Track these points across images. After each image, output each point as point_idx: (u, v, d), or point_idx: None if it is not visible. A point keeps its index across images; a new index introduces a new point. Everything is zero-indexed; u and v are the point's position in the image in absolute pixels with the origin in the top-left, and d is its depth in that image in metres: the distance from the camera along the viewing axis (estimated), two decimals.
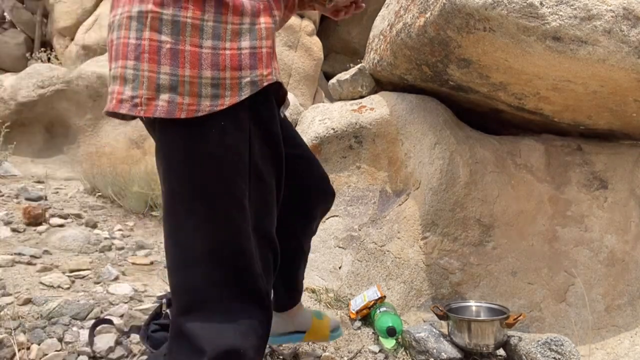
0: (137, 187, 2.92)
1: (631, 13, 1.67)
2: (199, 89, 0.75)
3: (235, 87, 0.77)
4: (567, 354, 1.55)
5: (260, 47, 0.79)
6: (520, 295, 2.20)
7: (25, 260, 2.05)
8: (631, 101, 2.04)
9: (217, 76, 0.76)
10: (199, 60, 0.75)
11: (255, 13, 0.78)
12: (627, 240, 2.32)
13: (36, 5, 7.69)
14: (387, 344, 1.71)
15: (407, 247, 2.18)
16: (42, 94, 4.19)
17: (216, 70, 0.75)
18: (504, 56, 1.86)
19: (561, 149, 2.41)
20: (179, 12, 0.75)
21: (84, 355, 1.43)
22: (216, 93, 0.76)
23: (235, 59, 0.76)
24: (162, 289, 2.02)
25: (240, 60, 0.77)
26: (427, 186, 2.21)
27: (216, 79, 0.76)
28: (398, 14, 2.29)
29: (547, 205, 2.30)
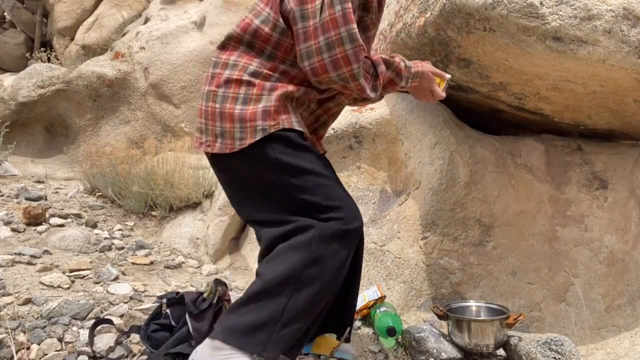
0: (137, 187, 2.92)
1: (631, 13, 1.67)
2: (234, 134, 1.20)
3: (252, 132, 1.19)
4: (567, 354, 1.55)
5: (270, 107, 1.19)
6: (520, 295, 2.20)
7: (25, 260, 2.05)
8: (631, 101, 2.04)
9: (243, 126, 1.19)
10: (233, 117, 1.20)
11: (272, 88, 1.21)
12: (627, 240, 2.32)
13: (36, 5, 7.70)
14: (387, 344, 1.71)
15: (407, 247, 2.18)
16: (42, 94, 4.19)
17: (242, 122, 1.19)
18: (504, 56, 1.86)
19: (561, 149, 2.41)
20: (226, 90, 1.22)
21: (84, 355, 1.43)
22: (242, 136, 1.20)
23: (253, 115, 1.19)
24: (162, 289, 2.02)
25: (256, 116, 1.18)
26: (427, 186, 2.21)
27: (242, 128, 1.19)
28: (398, 13, 2.29)
29: (547, 205, 2.30)
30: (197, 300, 1.48)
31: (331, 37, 1.14)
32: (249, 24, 1.25)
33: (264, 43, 1.23)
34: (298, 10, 1.17)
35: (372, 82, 1.25)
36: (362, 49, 1.16)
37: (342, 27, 1.14)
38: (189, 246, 2.68)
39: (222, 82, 1.22)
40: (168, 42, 4.60)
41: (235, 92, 1.20)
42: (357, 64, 1.16)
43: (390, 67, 1.31)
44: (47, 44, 7.36)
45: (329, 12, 1.14)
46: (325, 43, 1.15)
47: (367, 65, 1.23)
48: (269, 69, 1.22)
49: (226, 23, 4.64)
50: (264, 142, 1.18)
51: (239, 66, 1.22)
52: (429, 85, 1.36)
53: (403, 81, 1.32)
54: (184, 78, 4.50)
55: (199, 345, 1.25)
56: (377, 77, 1.26)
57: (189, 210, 2.95)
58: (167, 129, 4.47)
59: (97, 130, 4.42)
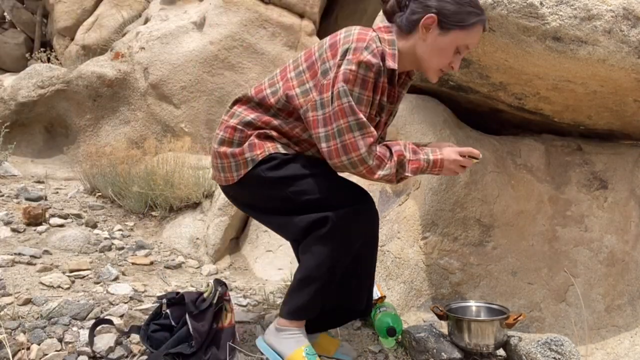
0: (137, 187, 2.92)
1: (631, 13, 1.67)
2: (232, 168, 1.42)
3: (245, 164, 1.40)
4: (567, 354, 1.55)
5: (254, 142, 1.39)
6: (520, 295, 2.20)
7: (25, 260, 2.05)
8: (631, 101, 2.04)
9: (236, 161, 1.41)
10: (227, 155, 1.42)
11: (258, 135, 1.40)
12: (627, 240, 2.32)
13: (36, 5, 7.69)
14: (387, 344, 1.71)
15: (407, 247, 2.18)
16: (42, 94, 4.19)
17: (234, 158, 1.41)
18: (504, 56, 1.86)
19: (561, 149, 2.41)
20: (224, 134, 1.43)
21: (84, 355, 1.43)
22: (238, 169, 1.41)
23: (241, 151, 1.40)
24: (162, 289, 2.02)
25: (244, 150, 1.39)
26: (427, 186, 2.21)
27: (236, 163, 1.41)
28: None
29: (547, 205, 2.30)
30: (197, 300, 1.48)
31: (341, 125, 1.28)
32: (261, 90, 1.43)
33: (269, 106, 1.41)
34: (319, 99, 1.31)
35: (388, 163, 1.33)
36: (371, 135, 1.29)
37: (350, 116, 1.27)
38: (189, 246, 2.68)
39: (224, 128, 1.44)
40: (168, 42, 4.60)
41: (230, 136, 1.41)
42: (365, 148, 1.28)
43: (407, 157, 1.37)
44: (47, 44, 7.36)
45: (337, 103, 1.27)
46: (337, 130, 1.29)
47: (383, 149, 1.33)
48: (263, 122, 1.40)
49: (226, 23, 4.64)
50: (255, 169, 1.38)
51: (240, 116, 1.42)
52: (454, 167, 1.40)
53: (415, 174, 1.38)
54: (184, 78, 4.50)
55: (198, 345, 1.38)
56: (392, 157, 1.34)
57: (189, 211, 2.95)
58: (167, 129, 4.47)
59: (97, 131, 4.42)
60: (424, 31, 1.34)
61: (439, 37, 1.34)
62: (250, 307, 1.96)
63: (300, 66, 1.38)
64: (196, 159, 3.30)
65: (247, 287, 2.21)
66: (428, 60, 1.38)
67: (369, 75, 1.28)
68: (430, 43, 1.35)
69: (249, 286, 2.22)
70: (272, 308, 1.96)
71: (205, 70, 4.53)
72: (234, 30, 4.62)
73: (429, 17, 1.32)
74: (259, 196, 1.43)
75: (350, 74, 1.26)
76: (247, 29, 4.69)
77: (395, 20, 1.41)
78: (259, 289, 2.19)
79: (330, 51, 1.32)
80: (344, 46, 1.29)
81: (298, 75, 1.37)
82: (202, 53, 4.52)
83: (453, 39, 1.34)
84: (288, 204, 1.37)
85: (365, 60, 1.26)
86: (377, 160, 1.30)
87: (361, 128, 1.28)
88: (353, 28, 1.35)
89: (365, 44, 1.28)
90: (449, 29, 1.33)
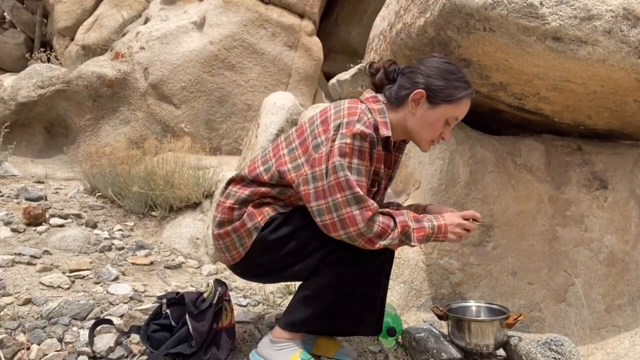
0: (137, 187, 2.92)
1: (631, 13, 1.67)
2: (236, 244, 1.41)
3: (248, 235, 1.39)
4: (567, 354, 1.55)
5: (252, 210, 1.39)
6: (520, 295, 2.20)
7: (25, 260, 2.05)
8: (631, 101, 2.04)
9: (239, 235, 1.40)
10: (228, 233, 1.41)
11: (254, 205, 1.40)
12: (627, 240, 2.32)
13: (36, 5, 7.70)
14: (387, 344, 1.71)
15: (407, 247, 2.18)
16: (42, 94, 4.19)
17: (236, 232, 1.40)
18: (504, 56, 1.86)
19: (561, 149, 2.41)
20: (223, 216, 1.42)
21: (84, 356, 1.43)
22: (242, 243, 1.40)
23: (242, 223, 1.39)
24: (162, 289, 2.02)
25: (244, 222, 1.39)
26: (427, 186, 2.21)
27: (239, 237, 1.40)
28: (398, 14, 2.29)
29: (547, 205, 2.30)
30: (197, 301, 1.48)
31: (337, 199, 1.27)
32: (255, 169, 1.43)
33: (263, 182, 1.41)
34: (310, 173, 1.31)
35: (392, 233, 1.30)
36: (369, 209, 1.27)
37: (347, 190, 1.26)
38: (189, 246, 2.69)
39: (221, 210, 1.43)
40: (168, 42, 4.60)
41: (229, 217, 1.41)
42: (363, 223, 1.26)
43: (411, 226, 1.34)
44: (47, 44, 7.37)
45: (333, 177, 1.27)
46: (333, 204, 1.27)
47: (387, 219, 1.31)
48: (259, 195, 1.40)
49: (226, 23, 4.64)
50: (259, 236, 1.37)
51: (235, 196, 1.42)
52: (459, 230, 1.38)
53: (421, 243, 1.36)
54: (184, 78, 4.50)
55: (198, 345, 1.38)
56: (396, 228, 1.31)
57: (189, 211, 2.95)
58: (167, 129, 4.47)
59: (97, 131, 4.43)
60: (413, 105, 1.37)
61: (428, 111, 1.37)
62: (250, 307, 1.97)
63: (293, 142, 1.40)
64: (196, 159, 3.30)
65: (247, 287, 2.21)
66: (419, 132, 1.41)
67: (365, 145, 1.29)
68: (419, 117, 1.38)
69: (249, 286, 2.22)
70: (272, 308, 1.97)
71: (205, 70, 4.53)
72: (234, 30, 4.63)
73: (417, 92, 1.35)
74: (268, 262, 1.41)
75: (346, 147, 1.27)
76: (247, 29, 4.69)
77: (385, 92, 1.44)
78: (259, 289, 2.19)
79: (322, 127, 1.33)
80: (336, 121, 1.30)
81: (290, 152, 1.38)
82: (202, 53, 4.52)
83: (442, 112, 1.38)
84: (297, 256, 1.37)
85: (359, 132, 1.27)
86: (379, 230, 1.28)
87: (359, 202, 1.26)
88: (342, 102, 1.37)
89: (357, 117, 1.30)
90: (437, 104, 1.37)
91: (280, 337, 1.42)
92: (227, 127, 4.61)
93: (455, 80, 1.37)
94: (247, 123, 4.58)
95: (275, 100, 3.00)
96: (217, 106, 4.57)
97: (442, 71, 1.37)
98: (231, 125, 4.62)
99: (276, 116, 2.88)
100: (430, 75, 1.36)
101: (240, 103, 4.63)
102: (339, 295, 1.38)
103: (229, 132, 4.61)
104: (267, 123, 2.87)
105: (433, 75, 1.36)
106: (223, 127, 4.60)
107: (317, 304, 1.38)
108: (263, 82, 4.76)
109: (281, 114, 2.90)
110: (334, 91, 3.10)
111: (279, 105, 2.94)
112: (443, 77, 1.36)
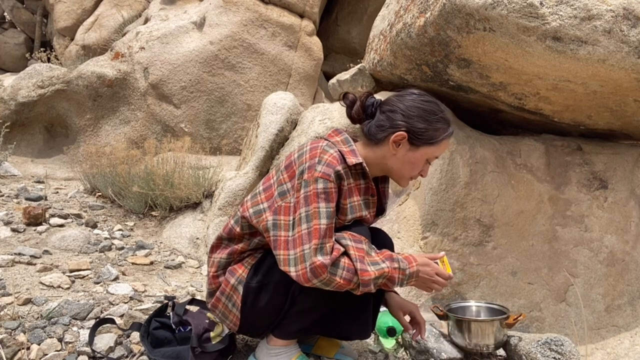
0: (137, 187, 2.92)
1: (631, 13, 1.67)
2: (228, 307, 1.39)
3: (234, 291, 1.36)
4: (567, 354, 1.55)
5: (232, 266, 1.39)
6: (520, 295, 2.20)
7: (25, 260, 2.05)
8: (631, 101, 2.04)
9: (227, 294, 1.38)
10: (219, 300, 1.40)
11: (234, 268, 1.40)
12: (627, 240, 2.32)
13: (36, 5, 7.70)
14: (387, 344, 1.71)
15: (407, 247, 2.17)
16: (42, 94, 4.19)
17: (224, 295, 1.39)
18: (504, 56, 1.86)
19: (561, 149, 2.41)
20: (210, 286, 1.42)
21: (84, 355, 1.43)
22: (234, 303, 1.37)
23: (226, 282, 1.38)
24: (162, 289, 2.02)
25: (228, 280, 1.37)
26: (427, 186, 2.21)
27: (228, 296, 1.38)
28: (398, 14, 2.29)
29: (547, 205, 2.30)
30: (202, 336, 1.46)
31: (296, 253, 1.24)
32: (227, 225, 1.43)
33: (238, 236, 1.41)
34: (271, 220, 1.30)
35: (355, 282, 1.25)
36: (320, 267, 1.21)
37: (305, 244, 1.23)
38: (189, 246, 2.68)
39: (208, 281, 1.44)
40: (168, 42, 4.60)
41: (215, 286, 1.41)
42: (316, 279, 1.22)
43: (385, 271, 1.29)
44: (47, 44, 7.37)
45: (297, 230, 1.25)
46: (294, 257, 1.24)
47: (351, 272, 1.24)
48: (238, 253, 1.40)
49: (226, 23, 4.64)
50: (246, 288, 1.35)
51: (216, 263, 1.43)
52: (429, 278, 1.34)
53: (396, 285, 1.31)
54: (184, 78, 4.50)
55: None
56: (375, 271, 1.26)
57: (189, 210, 2.95)
58: (167, 129, 4.47)
59: (97, 131, 4.43)
60: (394, 146, 1.35)
61: (409, 152, 1.37)
62: None
63: (256, 189, 1.40)
64: (196, 159, 3.30)
65: None
66: (399, 171, 1.40)
67: (329, 186, 1.26)
68: (400, 157, 1.37)
69: None
70: None
71: (205, 70, 4.53)
72: (234, 30, 4.63)
73: (398, 134, 1.33)
74: (265, 308, 1.36)
75: (311, 194, 1.25)
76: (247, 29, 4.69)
77: (362, 128, 1.41)
78: None
79: (286, 172, 1.32)
80: (300, 167, 1.29)
81: (253, 197, 1.38)
82: (202, 53, 4.52)
83: (423, 154, 1.38)
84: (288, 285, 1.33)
85: (320, 175, 1.26)
86: (347, 273, 1.23)
87: (308, 259, 1.21)
88: (305, 145, 1.35)
89: (317, 159, 1.28)
90: (419, 146, 1.36)
91: (276, 345, 1.42)
92: (227, 127, 4.61)
93: (436, 122, 1.34)
94: (247, 123, 4.59)
95: (275, 100, 3.00)
96: (217, 106, 4.57)
97: (423, 112, 1.34)
98: (231, 125, 4.62)
99: (276, 116, 2.88)
100: (412, 117, 1.33)
101: (240, 103, 4.63)
102: (332, 305, 1.37)
103: (229, 132, 4.61)
104: (267, 123, 2.87)
105: (414, 117, 1.33)
106: (223, 127, 4.60)
107: (308, 317, 1.37)
108: (263, 82, 4.76)
109: (281, 113, 2.90)
110: (334, 91, 3.10)
111: (279, 105, 2.94)
112: (424, 118, 1.34)
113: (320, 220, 1.24)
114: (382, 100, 1.41)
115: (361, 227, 1.35)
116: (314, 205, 1.25)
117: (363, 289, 1.25)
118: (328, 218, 1.25)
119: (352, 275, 1.23)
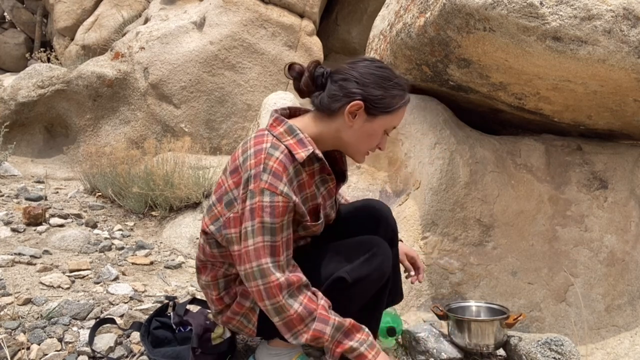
0: (137, 187, 2.92)
1: (631, 13, 1.67)
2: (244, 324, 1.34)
3: (252, 310, 1.31)
4: (567, 354, 1.55)
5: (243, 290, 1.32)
6: (520, 295, 2.20)
7: (25, 260, 2.05)
8: (631, 101, 2.04)
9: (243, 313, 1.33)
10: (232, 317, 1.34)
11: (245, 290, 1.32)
12: (627, 240, 2.32)
13: (36, 5, 7.70)
14: (387, 344, 1.71)
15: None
16: (42, 94, 4.19)
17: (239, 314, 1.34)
18: (504, 56, 1.86)
19: (561, 149, 2.41)
20: (218, 307, 1.36)
21: (84, 355, 1.43)
22: (249, 319, 1.33)
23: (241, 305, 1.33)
24: (162, 288, 2.02)
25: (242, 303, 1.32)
26: (427, 186, 2.21)
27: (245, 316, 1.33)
28: (398, 14, 2.29)
29: (547, 205, 2.30)
30: (202, 336, 1.45)
31: (247, 270, 1.17)
32: (200, 246, 1.36)
33: (211, 259, 1.33)
34: (225, 234, 1.23)
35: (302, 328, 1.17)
36: (275, 286, 1.14)
37: (253, 261, 1.16)
38: (189, 246, 2.68)
39: (210, 302, 1.38)
40: (168, 42, 4.60)
41: (222, 305, 1.35)
42: (269, 300, 1.15)
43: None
44: (47, 44, 7.37)
45: (243, 245, 1.17)
46: (245, 274, 1.18)
47: (306, 312, 1.17)
48: (223, 275, 1.34)
49: (226, 23, 4.64)
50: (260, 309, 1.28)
51: (212, 285, 1.35)
52: None
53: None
54: (184, 78, 4.50)
55: None
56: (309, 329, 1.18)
57: (189, 210, 2.95)
58: (167, 129, 4.47)
59: (97, 130, 4.43)
60: (349, 117, 1.25)
61: (366, 123, 1.26)
62: None
63: (210, 199, 1.31)
64: (196, 158, 3.30)
65: None
66: (355, 145, 1.31)
67: (276, 200, 1.16)
68: (357, 129, 1.27)
69: None
70: None
71: (205, 70, 4.53)
72: (234, 30, 4.62)
73: (354, 104, 1.23)
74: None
75: (256, 207, 1.16)
76: (247, 29, 4.69)
77: (313, 100, 1.31)
78: None
79: (232, 179, 1.23)
80: (245, 175, 1.19)
81: (209, 211, 1.30)
82: (202, 53, 4.52)
83: (381, 124, 1.28)
84: None
85: (266, 186, 1.15)
86: (304, 309, 1.16)
87: (263, 276, 1.15)
88: (249, 143, 1.24)
89: (262, 166, 1.17)
90: (375, 115, 1.26)
91: (277, 345, 1.40)
92: (227, 127, 4.61)
93: (392, 88, 1.25)
94: (247, 123, 4.58)
95: (275, 100, 3.00)
96: (217, 106, 4.57)
97: (378, 78, 1.24)
98: (231, 125, 4.62)
99: None
100: (367, 85, 1.23)
101: (240, 103, 4.63)
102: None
103: (229, 132, 4.61)
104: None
105: (369, 84, 1.23)
106: (223, 127, 4.60)
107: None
108: (263, 82, 4.76)
109: None
110: None
111: (279, 105, 2.94)
112: (380, 85, 1.24)
113: (264, 236, 1.15)
114: (332, 70, 1.29)
115: None
116: (258, 220, 1.15)
117: (308, 338, 1.15)
118: (272, 235, 1.16)
119: (308, 315, 1.15)
